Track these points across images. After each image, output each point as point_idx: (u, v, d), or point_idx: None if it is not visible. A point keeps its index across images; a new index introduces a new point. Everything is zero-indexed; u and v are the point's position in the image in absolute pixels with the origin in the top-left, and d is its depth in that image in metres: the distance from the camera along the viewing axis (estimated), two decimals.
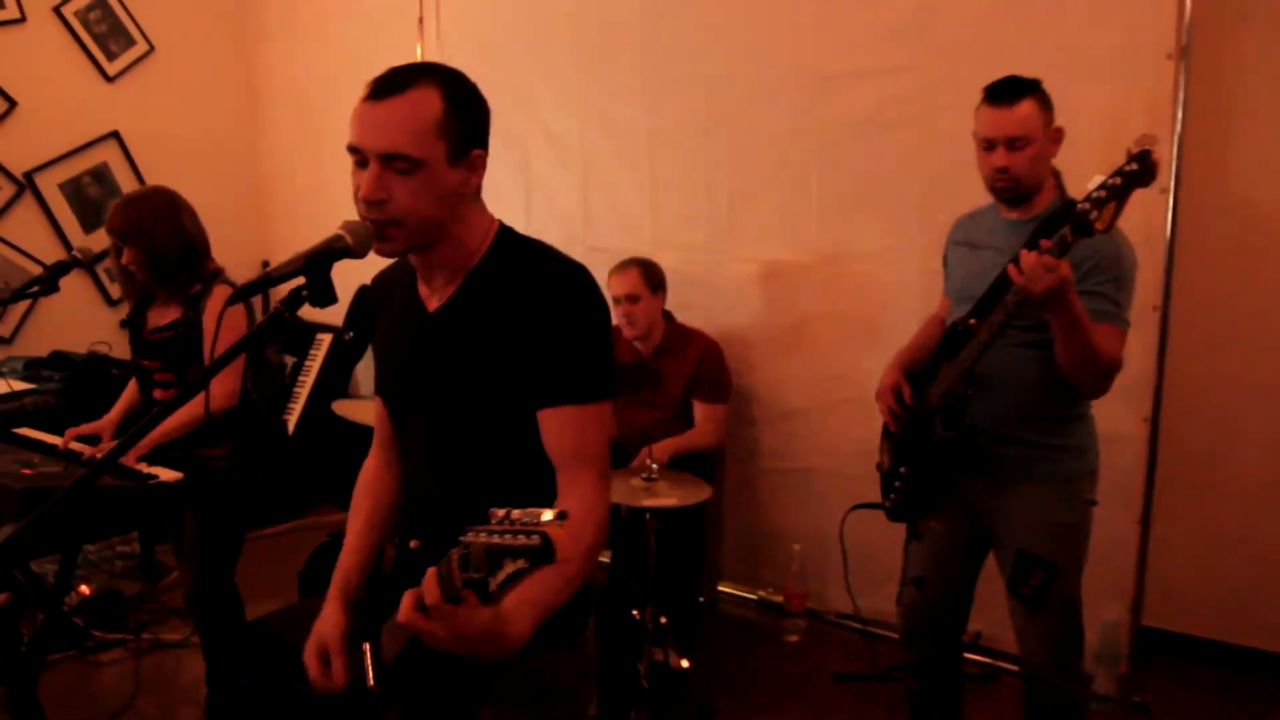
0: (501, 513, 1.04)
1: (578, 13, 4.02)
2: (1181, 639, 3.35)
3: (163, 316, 2.75)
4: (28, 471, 2.24)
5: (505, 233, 1.52)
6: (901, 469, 2.46)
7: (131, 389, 2.90)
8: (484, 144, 1.46)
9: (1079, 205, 1.86)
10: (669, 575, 3.20)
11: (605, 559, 3.68)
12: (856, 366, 3.53)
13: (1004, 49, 3.05)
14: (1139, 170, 1.79)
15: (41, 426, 2.97)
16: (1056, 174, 2.30)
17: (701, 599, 3.77)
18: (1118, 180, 1.81)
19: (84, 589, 3.68)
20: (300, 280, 1.32)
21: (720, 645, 3.59)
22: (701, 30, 3.71)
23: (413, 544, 1.54)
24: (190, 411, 2.61)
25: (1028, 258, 1.92)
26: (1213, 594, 3.29)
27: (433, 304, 1.51)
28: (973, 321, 2.21)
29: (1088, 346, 2.03)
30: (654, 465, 2.99)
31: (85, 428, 2.76)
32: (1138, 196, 2.84)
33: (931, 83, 3.22)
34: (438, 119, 1.36)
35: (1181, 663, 3.33)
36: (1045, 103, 2.20)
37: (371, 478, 1.74)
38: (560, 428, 1.42)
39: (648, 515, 2.99)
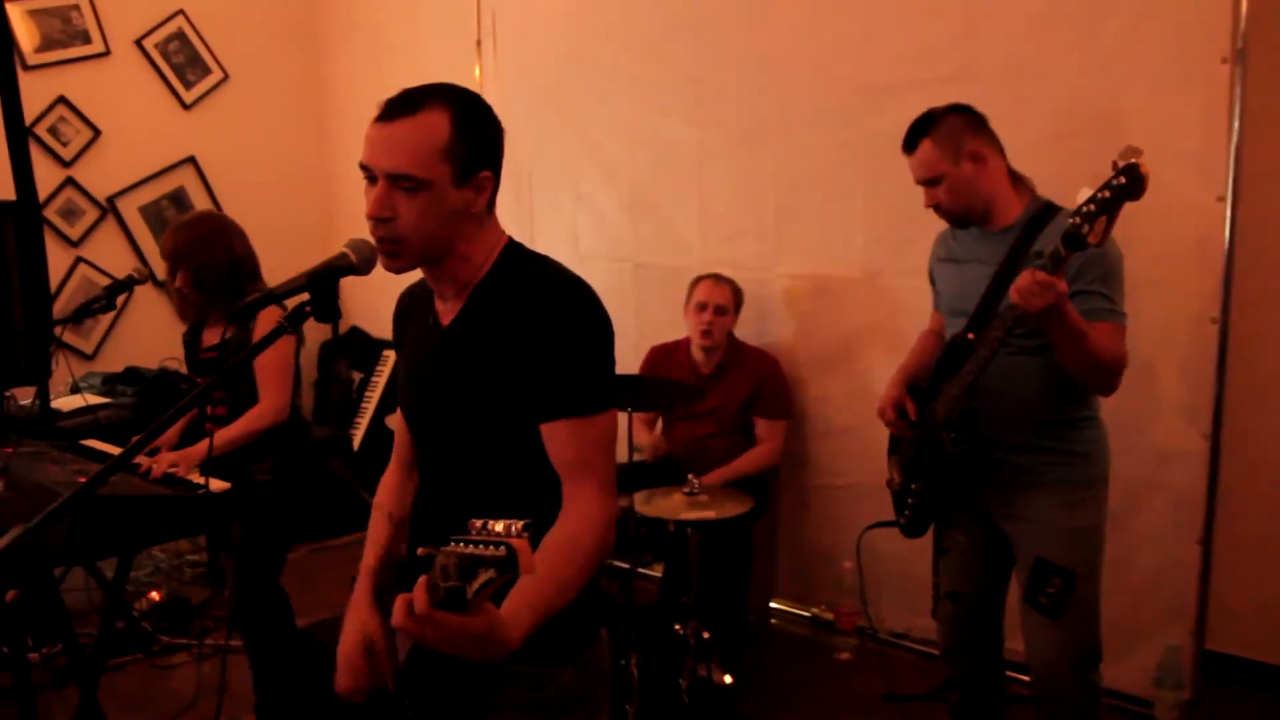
0: (479, 524, 1.07)
1: (628, 33, 4.07)
2: (1250, 664, 3.21)
3: (214, 336, 2.85)
4: (84, 480, 2.34)
5: (512, 248, 1.54)
6: (914, 485, 2.45)
7: (194, 411, 3.01)
8: (494, 165, 1.48)
9: (1070, 220, 1.84)
10: (714, 590, 3.19)
11: (656, 573, 3.71)
12: None
13: (1051, 57, 3.00)
14: (1127, 184, 1.76)
15: (112, 439, 3.10)
16: (1021, 180, 2.31)
17: (752, 616, 3.75)
18: (1106, 194, 1.78)
19: (154, 595, 3.83)
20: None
21: (771, 662, 3.56)
22: (748, 47, 3.72)
23: (420, 551, 1.57)
24: (247, 425, 2.71)
25: (1023, 277, 1.92)
26: None
27: (445, 319, 1.55)
28: (971, 335, 2.21)
29: (1088, 351, 2.01)
30: (696, 481, 2.99)
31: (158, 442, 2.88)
32: (1194, 206, 2.81)
33: (978, 93, 3.10)
34: (445, 142, 1.39)
35: (1250, 690, 3.19)
36: (945, 135, 2.26)
37: (394, 485, 1.79)
38: (561, 440, 1.44)
39: (690, 529, 3.00)
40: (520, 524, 1.05)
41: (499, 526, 1.06)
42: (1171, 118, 2.79)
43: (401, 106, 1.41)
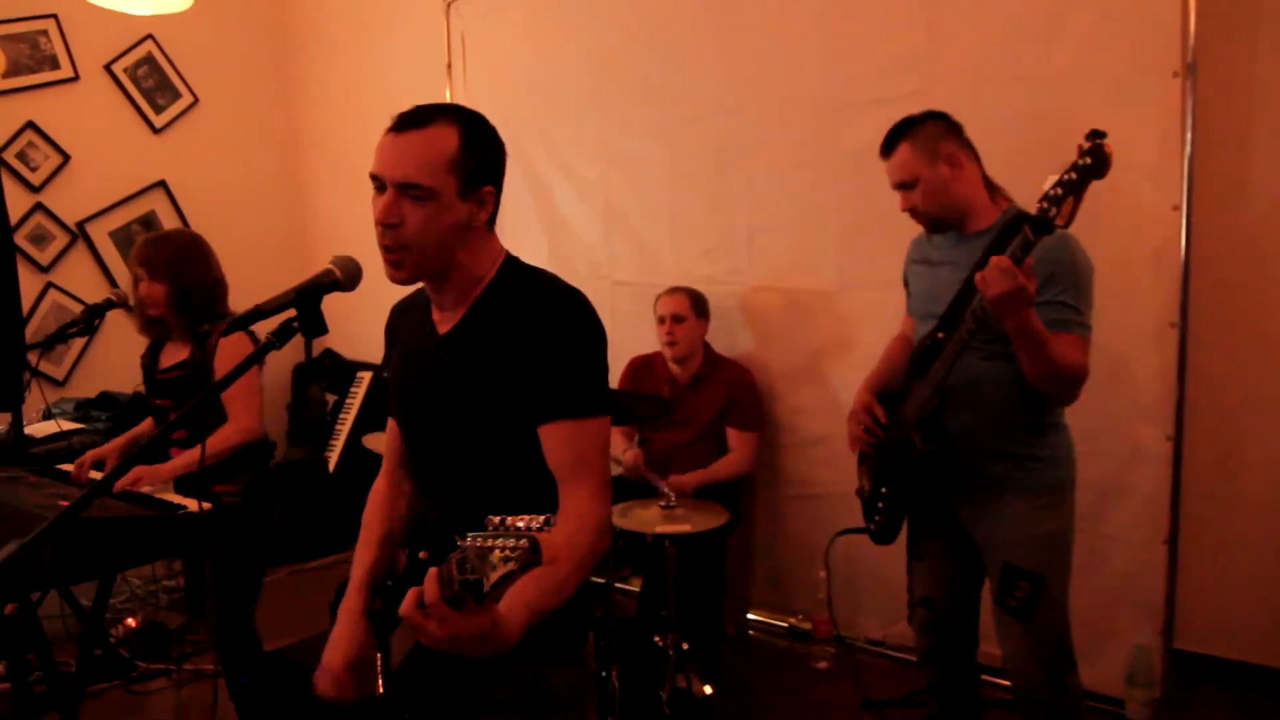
0: (496, 519, 1.10)
1: (596, 55, 4.13)
2: (1218, 662, 3.27)
3: (174, 356, 2.85)
4: (64, 503, 2.34)
5: (511, 262, 1.60)
6: (883, 489, 2.47)
7: (146, 425, 3.00)
8: (496, 182, 1.55)
9: (1038, 203, 1.88)
10: (691, 602, 3.22)
11: (635, 588, 3.73)
12: None
13: (1010, 74, 3.09)
14: (1093, 163, 1.81)
15: None
16: (997, 189, 2.35)
17: (730, 628, 3.78)
18: (1073, 175, 1.83)
19: (130, 621, 3.80)
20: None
21: (749, 673, 3.59)
22: (716, 68, 3.79)
23: (421, 555, 1.60)
24: (220, 442, 2.70)
25: (990, 263, 1.95)
26: (1249, 615, 3.21)
27: (443, 328, 1.59)
28: (940, 335, 2.24)
29: (1048, 358, 2.03)
30: (672, 494, 3.03)
31: (90, 454, 2.85)
32: (1151, 214, 2.90)
33: (941, 108, 3.24)
34: (452, 155, 1.46)
35: (1219, 687, 3.25)
36: (922, 140, 2.30)
37: (382, 500, 1.82)
38: (558, 442, 1.49)
39: (666, 542, 3.03)
40: (541, 519, 1.09)
41: (520, 522, 1.09)
42: (1128, 130, 2.85)
43: (413, 120, 1.47)
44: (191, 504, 2.49)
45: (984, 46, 3.16)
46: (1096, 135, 1.81)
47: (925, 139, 2.30)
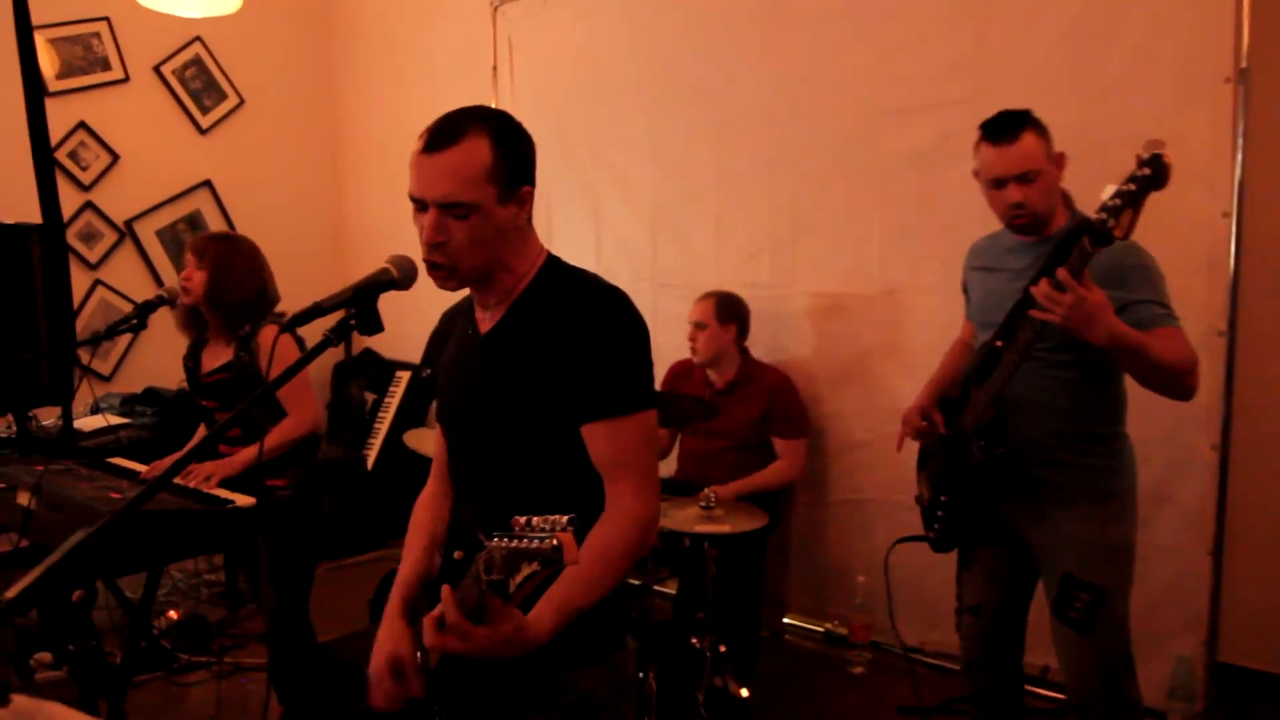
0: (523, 520, 1.11)
1: (643, 59, 4.14)
2: (1262, 676, 3.22)
3: (216, 358, 2.89)
4: (116, 495, 2.39)
5: (552, 261, 1.62)
6: (943, 498, 2.43)
7: (203, 430, 3.05)
8: (531, 179, 1.55)
9: (1095, 215, 1.84)
10: (729, 604, 3.22)
11: (671, 590, 3.73)
12: None
13: (1061, 79, 3.06)
14: (1152, 175, 1.78)
15: (134, 458, 3.15)
16: (1065, 194, 2.28)
17: (765, 631, 3.77)
18: (1132, 186, 1.79)
19: (172, 614, 3.86)
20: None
21: (784, 676, 3.58)
22: (764, 72, 3.79)
23: (456, 555, 1.61)
24: (285, 434, 2.77)
25: (1037, 291, 1.91)
26: None
27: (484, 327, 1.61)
28: (999, 344, 2.19)
29: (1150, 361, 1.97)
30: (713, 494, 3.03)
31: (163, 462, 2.92)
32: (1201, 221, 2.86)
33: (989, 114, 3.22)
34: (488, 166, 1.46)
35: (1262, 702, 3.20)
36: (1043, 132, 2.20)
37: (430, 503, 1.83)
38: (602, 440, 1.50)
39: (706, 544, 3.03)
40: (565, 518, 1.10)
41: (544, 522, 1.10)
42: (1178, 136, 2.80)
43: (443, 137, 1.46)
44: (241, 499, 2.53)
45: (1034, 52, 3.14)
46: (1155, 145, 1.77)
47: (1045, 132, 2.18)
